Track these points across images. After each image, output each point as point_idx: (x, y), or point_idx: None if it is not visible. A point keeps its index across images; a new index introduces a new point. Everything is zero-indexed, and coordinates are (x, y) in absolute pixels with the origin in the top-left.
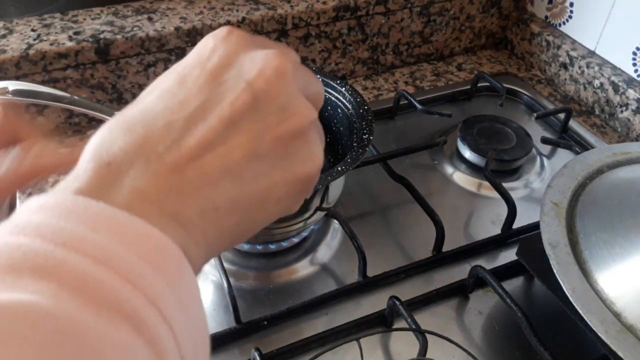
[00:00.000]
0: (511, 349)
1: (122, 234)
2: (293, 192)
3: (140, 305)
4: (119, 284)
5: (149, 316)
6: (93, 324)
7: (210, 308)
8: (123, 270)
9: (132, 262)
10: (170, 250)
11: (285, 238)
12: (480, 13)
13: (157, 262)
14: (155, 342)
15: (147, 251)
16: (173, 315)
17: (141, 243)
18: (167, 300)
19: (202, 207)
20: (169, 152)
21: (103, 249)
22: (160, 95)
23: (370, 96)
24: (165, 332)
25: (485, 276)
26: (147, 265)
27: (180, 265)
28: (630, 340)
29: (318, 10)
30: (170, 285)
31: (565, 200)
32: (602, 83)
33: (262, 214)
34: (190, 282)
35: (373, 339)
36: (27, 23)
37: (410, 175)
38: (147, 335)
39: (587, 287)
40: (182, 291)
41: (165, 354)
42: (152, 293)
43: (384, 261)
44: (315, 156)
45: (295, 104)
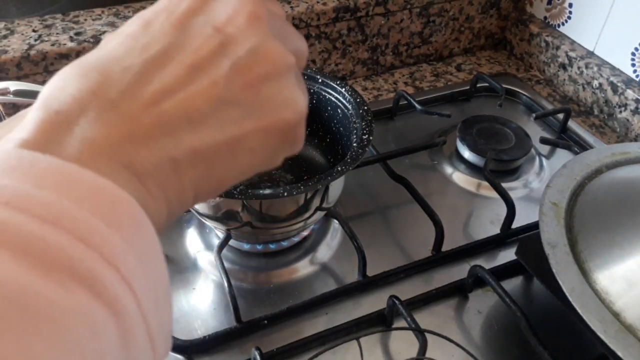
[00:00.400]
0: (510, 348)
1: (72, 189)
2: (270, 142)
3: (94, 265)
4: (70, 243)
5: (105, 276)
6: (42, 288)
7: (211, 307)
8: (74, 228)
9: (84, 218)
10: (125, 204)
11: (286, 238)
12: (479, 14)
13: (111, 217)
14: (114, 303)
15: (100, 206)
16: (132, 273)
17: (93, 197)
18: (124, 258)
19: (158, 157)
20: (123, 98)
21: (50, 206)
22: (122, 40)
23: (370, 96)
24: (124, 292)
25: (485, 276)
26: (101, 222)
27: (137, 220)
28: (629, 340)
29: (318, 11)
30: (127, 242)
31: (564, 200)
32: (601, 83)
33: (233, 167)
34: (149, 237)
35: (373, 339)
36: (28, 23)
37: (409, 175)
38: (104, 297)
39: (586, 286)
40: (141, 247)
41: (125, 314)
42: (107, 251)
43: (383, 261)
44: (294, 102)
45: (268, 47)
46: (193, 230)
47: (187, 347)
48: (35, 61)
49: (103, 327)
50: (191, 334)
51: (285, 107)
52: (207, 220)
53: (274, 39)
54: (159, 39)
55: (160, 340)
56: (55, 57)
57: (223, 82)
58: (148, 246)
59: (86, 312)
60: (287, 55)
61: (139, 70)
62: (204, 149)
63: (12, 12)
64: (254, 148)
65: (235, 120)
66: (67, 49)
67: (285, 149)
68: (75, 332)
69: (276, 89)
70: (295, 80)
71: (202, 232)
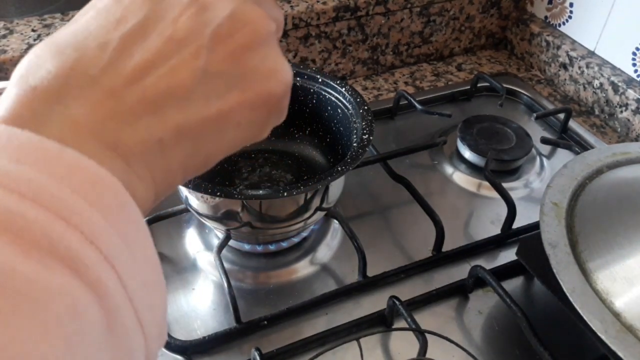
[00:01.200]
0: (511, 348)
1: (52, 166)
2: (257, 115)
3: (75, 243)
4: (50, 221)
5: (86, 255)
6: (20, 266)
7: (211, 308)
8: (54, 205)
9: (65, 196)
10: (108, 183)
11: (285, 238)
12: (480, 13)
13: (93, 195)
14: (96, 283)
15: (82, 184)
16: (115, 253)
17: (75, 175)
18: (107, 238)
19: (144, 137)
20: (104, 74)
21: (30, 182)
22: (95, 14)
23: (370, 96)
24: (106, 272)
25: (485, 276)
26: (82, 200)
27: (120, 199)
28: (630, 340)
29: (318, 11)
30: (110, 221)
31: (565, 200)
32: (602, 83)
33: (220, 142)
34: (133, 217)
35: (373, 339)
36: (27, 23)
37: (410, 175)
38: (85, 277)
39: (586, 287)
40: (125, 227)
41: (108, 295)
42: (89, 230)
43: (384, 261)
44: (279, 72)
45: (248, 12)
46: (193, 230)
47: (187, 348)
48: None
49: (85, 307)
50: (191, 335)
51: (269, 77)
52: (207, 221)
53: (253, 3)
54: (134, 11)
55: (151, 326)
56: None
57: (205, 52)
58: (133, 227)
59: (67, 291)
60: (267, 19)
61: (117, 46)
62: (189, 126)
63: (11, 12)
64: (240, 122)
65: (220, 93)
66: None
67: (272, 119)
68: (56, 311)
69: (259, 58)
70: (277, 47)
71: (202, 233)
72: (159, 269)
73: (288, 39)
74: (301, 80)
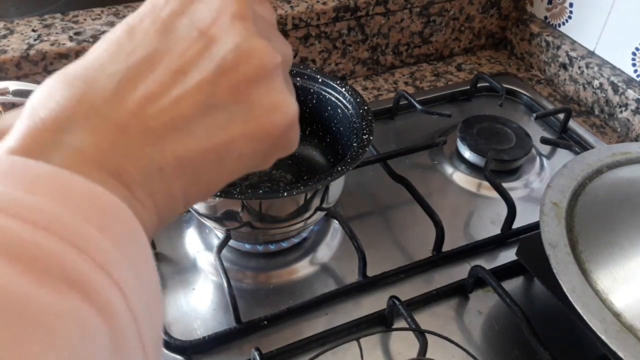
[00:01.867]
0: (511, 348)
1: (64, 195)
2: (259, 147)
3: (86, 270)
4: (63, 248)
5: (96, 281)
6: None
7: (210, 308)
8: (66, 233)
9: (76, 224)
10: (117, 210)
11: (285, 238)
12: (479, 13)
13: (104, 223)
14: (106, 307)
15: (93, 212)
16: (123, 278)
17: (85, 203)
18: (116, 264)
19: (145, 166)
20: (109, 106)
21: (43, 212)
22: (106, 47)
23: (370, 96)
24: (115, 297)
25: (485, 276)
26: (93, 227)
27: (129, 226)
28: (630, 340)
29: (318, 11)
30: (119, 248)
31: (564, 200)
32: (602, 83)
33: (221, 172)
34: (140, 243)
35: (373, 339)
36: (27, 23)
37: (410, 175)
38: (96, 302)
39: (586, 287)
40: (133, 253)
41: (116, 318)
42: (99, 257)
43: (384, 261)
44: (282, 105)
45: (254, 45)
46: (193, 230)
47: (187, 348)
48: (35, 61)
49: (95, 330)
50: (191, 335)
51: (273, 110)
52: (207, 221)
53: (260, 37)
54: (143, 44)
55: (151, 344)
56: (54, 57)
57: (208, 86)
58: (139, 251)
59: (78, 315)
60: (274, 53)
61: (123, 77)
62: (190, 156)
63: (11, 12)
64: (242, 154)
65: (222, 125)
66: (67, 48)
67: (277, 152)
68: (68, 335)
69: (264, 91)
70: (283, 80)
71: (202, 233)
72: (159, 290)
73: (288, 39)
74: (301, 80)
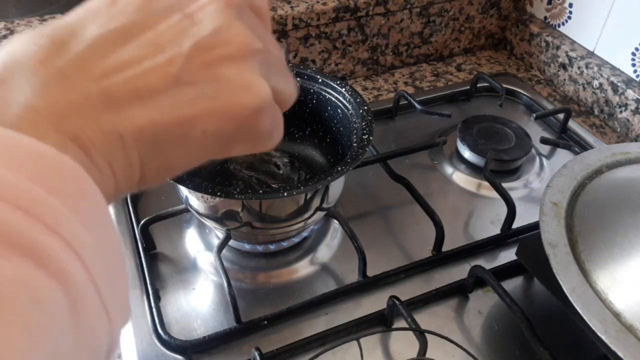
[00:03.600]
0: (511, 348)
1: (8, 155)
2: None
3: (35, 234)
4: (8, 211)
5: (48, 245)
6: None
7: (211, 308)
8: (11, 195)
9: (23, 186)
10: (67, 169)
11: (285, 238)
12: (479, 14)
13: (52, 183)
14: (60, 273)
15: (40, 172)
16: (78, 241)
17: (32, 164)
18: (68, 225)
19: (105, 131)
20: (71, 67)
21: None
22: (83, 14)
23: (370, 96)
24: (70, 260)
25: (485, 276)
26: (41, 189)
27: (81, 186)
28: (630, 340)
29: (318, 11)
30: (71, 209)
31: (564, 200)
32: (601, 83)
33: (182, 150)
34: (96, 203)
35: (373, 339)
36: (28, 23)
37: (410, 175)
38: (48, 266)
39: (586, 287)
40: (87, 214)
41: (72, 283)
42: (49, 219)
43: (384, 261)
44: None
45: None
46: (193, 230)
47: (187, 348)
48: None
49: (49, 297)
50: (191, 334)
51: (243, 90)
52: (207, 221)
53: (242, 25)
54: (121, 15)
55: (115, 309)
56: None
57: (181, 61)
58: (95, 212)
59: (29, 282)
60: (253, 38)
61: (93, 43)
62: (151, 127)
63: (11, 12)
64: (206, 131)
65: (189, 100)
66: None
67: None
68: (18, 303)
69: (236, 71)
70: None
71: (202, 233)
72: (121, 251)
73: (288, 39)
74: (301, 81)
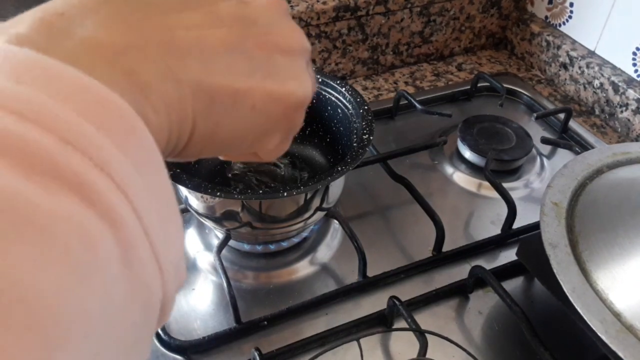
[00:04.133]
0: (511, 348)
1: (54, 86)
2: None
3: (84, 169)
4: (55, 144)
5: (95, 182)
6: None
7: (210, 308)
8: (58, 128)
9: (70, 118)
10: (116, 106)
11: (285, 238)
12: (480, 13)
13: (101, 119)
14: (108, 212)
15: (87, 106)
16: (128, 182)
17: (79, 96)
18: (117, 164)
19: (164, 73)
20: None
21: (30, 103)
22: None
23: (370, 96)
24: (119, 201)
25: (485, 276)
26: (89, 123)
27: (131, 123)
28: (630, 340)
29: (318, 10)
30: (120, 147)
31: (565, 200)
32: (602, 83)
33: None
34: (146, 144)
35: (373, 339)
36: None
37: (410, 175)
38: (96, 205)
39: (587, 287)
40: (138, 156)
41: (122, 225)
42: (98, 155)
43: (384, 261)
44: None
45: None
46: (192, 230)
47: (186, 348)
48: None
49: (98, 238)
50: (190, 335)
51: (293, 80)
52: (207, 221)
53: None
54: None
55: (168, 263)
56: None
57: (239, 33)
58: (145, 154)
59: (77, 220)
60: (305, 39)
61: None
62: (208, 85)
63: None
64: (255, 106)
65: (244, 72)
66: None
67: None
68: (65, 241)
69: (289, 62)
70: (305, 65)
71: (202, 233)
72: (174, 202)
73: None
74: None
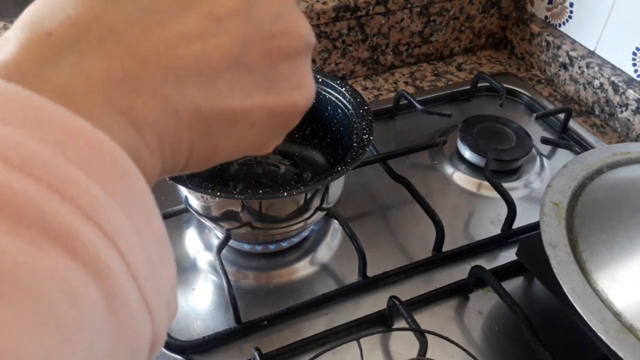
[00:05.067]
0: (511, 349)
1: (43, 128)
2: (273, 121)
3: (70, 219)
4: (42, 193)
5: (82, 233)
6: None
7: (210, 308)
8: (45, 175)
9: (59, 165)
10: (109, 150)
11: (285, 238)
12: (480, 13)
13: (91, 164)
14: (95, 264)
15: (77, 151)
16: (117, 229)
17: (69, 140)
18: (107, 212)
19: (161, 107)
20: (130, 32)
21: (18, 148)
22: None
23: (370, 96)
24: (106, 250)
25: (485, 276)
26: (79, 169)
27: (122, 168)
28: (630, 340)
29: (318, 11)
30: (110, 193)
31: (565, 200)
32: (602, 83)
33: (230, 137)
34: (137, 188)
35: (373, 339)
36: None
37: (410, 175)
38: (82, 257)
39: (586, 287)
40: (128, 200)
41: (109, 275)
42: (85, 204)
43: (384, 261)
44: (306, 86)
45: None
46: (192, 230)
47: (186, 348)
48: None
49: (83, 291)
50: (190, 335)
51: (296, 89)
52: (207, 221)
53: (300, 12)
54: None
55: (159, 305)
56: None
57: (242, 42)
58: (137, 198)
59: (62, 275)
60: (311, 33)
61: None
62: (207, 109)
63: (11, 11)
64: (256, 123)
65: (245, 89)
66: None
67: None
68: (49, 298)
69: (292, 67)
70: (309, 63)
71: (202, 233)
72: (165, 240)
73: None
74: None
